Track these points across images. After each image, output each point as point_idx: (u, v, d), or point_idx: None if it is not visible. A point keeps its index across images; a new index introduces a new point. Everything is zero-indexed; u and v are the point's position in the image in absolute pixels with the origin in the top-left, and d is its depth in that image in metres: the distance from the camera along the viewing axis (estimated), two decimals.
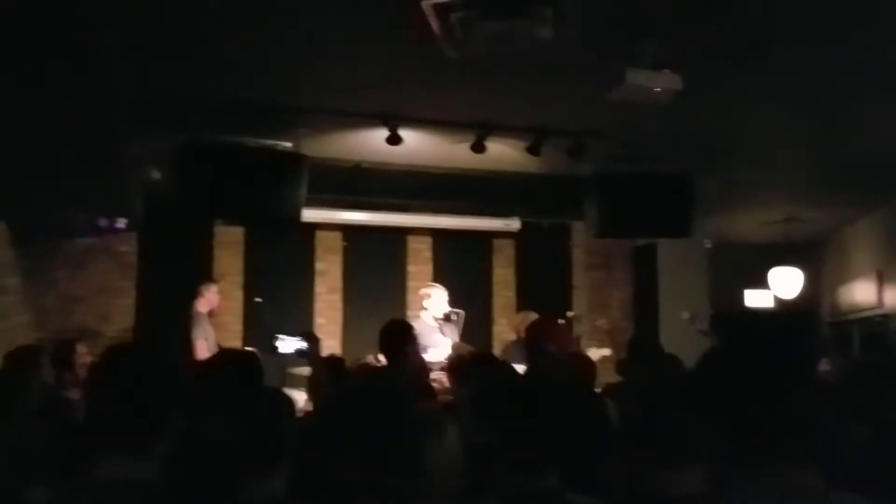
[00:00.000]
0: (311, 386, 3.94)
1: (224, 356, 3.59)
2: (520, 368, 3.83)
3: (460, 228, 8.35)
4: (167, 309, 6.84)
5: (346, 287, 8.25)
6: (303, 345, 4.30)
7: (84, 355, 5.28)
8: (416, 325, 6.09)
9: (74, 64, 3.61)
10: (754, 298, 10.28)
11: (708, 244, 8.80)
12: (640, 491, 1.69)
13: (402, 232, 8.40)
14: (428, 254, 8.53)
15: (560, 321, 4.71)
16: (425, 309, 6.36)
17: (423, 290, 6.59)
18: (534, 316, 6.63)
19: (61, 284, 7.36)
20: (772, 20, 4.26)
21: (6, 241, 6.40)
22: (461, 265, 8.42)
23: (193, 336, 6.39)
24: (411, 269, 8.46)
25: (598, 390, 4.48)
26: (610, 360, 6.18)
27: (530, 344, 3.88)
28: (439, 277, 8.08)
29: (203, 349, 6.20)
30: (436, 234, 8.49)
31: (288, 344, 4.46)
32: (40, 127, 4.31)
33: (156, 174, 6.10)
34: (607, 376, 5.52)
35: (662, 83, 4.41)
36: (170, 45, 4.61)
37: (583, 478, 2.05)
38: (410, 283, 8.38)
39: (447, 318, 6.25)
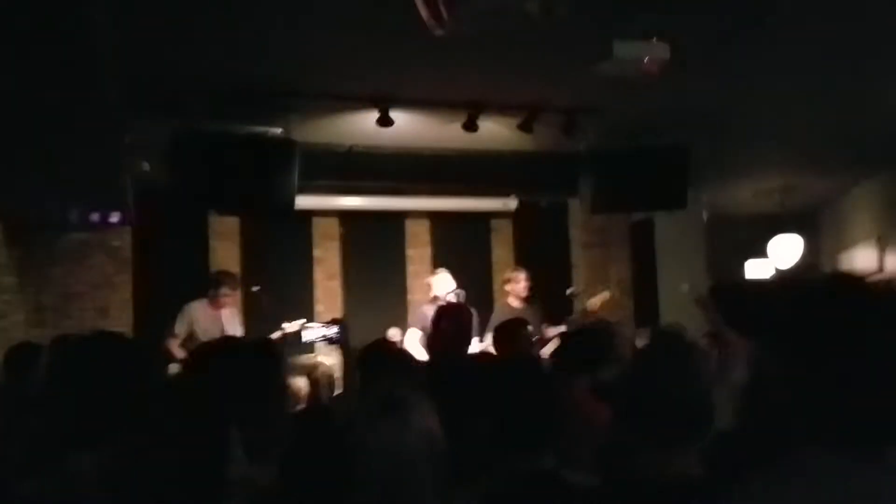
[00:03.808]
0: (346, 374, 3.80)
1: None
2: None
3: (458, 210, 8.31)
4: (165, 302, 6.79)
5: (344, 273, 8.21)
6: (331, 332, 4.10)
7: None
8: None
9: (65, 55, 3.57)
10: (754, 268, 10.26)
11: (704, 216, 8.76)
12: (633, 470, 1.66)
13: (400, 216, 8.36)
14: (426, 237, 8.49)
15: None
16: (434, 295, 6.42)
17: (430, 279, 6.62)
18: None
19: (57, 281, 7.33)
20: None
21: (1, 239, 6.37)
22: (460, 247, 8.38)
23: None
24: (410, 252, 8.42)
25: None
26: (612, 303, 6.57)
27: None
28: (439, 260, 8.04)
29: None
30: (433, 216, 8.44)
31: (314, 332, 4.21)
32: (31, 120, 4.27)
33: (145, 165, 6.05)
34: None
35: (651, 53, 4.36)
36: (158, 32, 4.56)
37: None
38: (410, 268, 8.35)
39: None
